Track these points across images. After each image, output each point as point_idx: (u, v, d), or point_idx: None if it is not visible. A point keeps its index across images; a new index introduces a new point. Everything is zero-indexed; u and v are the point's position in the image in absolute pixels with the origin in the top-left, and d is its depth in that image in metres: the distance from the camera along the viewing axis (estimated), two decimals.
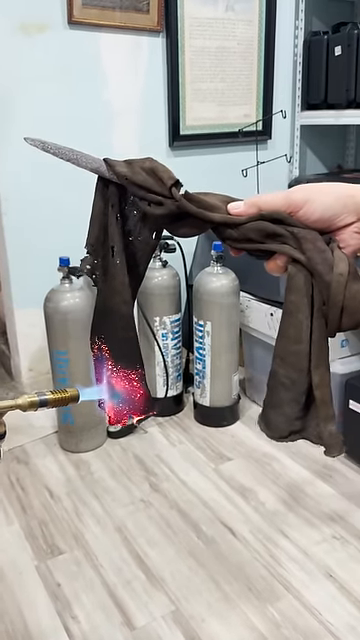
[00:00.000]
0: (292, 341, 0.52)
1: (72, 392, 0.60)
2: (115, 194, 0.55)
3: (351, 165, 2.74)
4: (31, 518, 1.62)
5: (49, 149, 0.54)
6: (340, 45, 2.28)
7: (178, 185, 0.53)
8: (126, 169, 0.54)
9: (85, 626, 1.29)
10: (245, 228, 0.51)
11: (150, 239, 0.57)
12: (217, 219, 0.52)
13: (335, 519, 1.59)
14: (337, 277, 0.48)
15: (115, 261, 0.56)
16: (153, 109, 2.23)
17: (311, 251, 0.49)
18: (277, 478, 1.76)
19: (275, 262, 0.52)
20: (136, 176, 0.53)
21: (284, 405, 0.55)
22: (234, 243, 0.53)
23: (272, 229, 0.50)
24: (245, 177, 2.27)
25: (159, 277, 1.97)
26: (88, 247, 0.58)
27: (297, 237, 0.50)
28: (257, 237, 0.51)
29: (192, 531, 1.56)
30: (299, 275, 0.50)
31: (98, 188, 0.56)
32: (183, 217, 0.53)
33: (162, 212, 0.52)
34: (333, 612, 1.30)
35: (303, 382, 0.53)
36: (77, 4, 1.97)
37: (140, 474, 1.80)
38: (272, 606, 1.32)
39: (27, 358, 2.23)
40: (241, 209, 0.52)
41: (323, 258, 0.49)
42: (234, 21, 2.30)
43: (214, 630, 1.27)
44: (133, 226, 0.56)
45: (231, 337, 1.97)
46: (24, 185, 2.02)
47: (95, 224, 0.57)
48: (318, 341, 0.51)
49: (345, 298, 0.49)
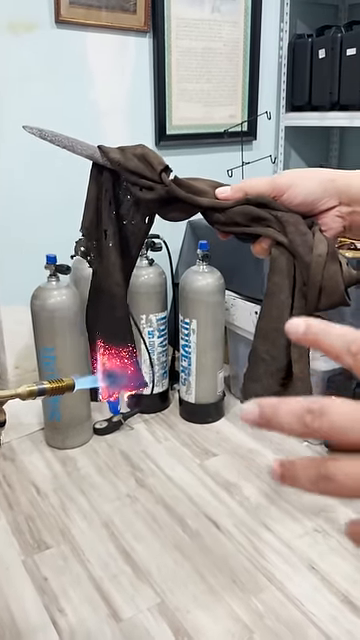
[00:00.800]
0: (274, 320, 0.55)
1: (68, 381, 0.62)
2: (109, 180, 0.57)
3: (334, 166, 2.79)
4: (18, 514, 1.64)
5: (46, 136, 0.56)
6: (324, 48, 2.31)
7: (168, 170, 0.55)
8: (119, 155, 0.56)
9: (72, 619, 1.31)
10: (232, 212, 0.53)
11: (142, 224, 0.59)
12: (205, 203, 0.54)
13: (317, 513, 1.62)
14: (316, 258, 0.51)
15: (108, 243, 0.58)
16: (140, 109, 2.25)
17: (293, 234, 0.52)
18: (261, 473, 1.80)
19: (260, 245, 0.54)
20: (128, 162, 0.55)
21: (262, 378, 0.57)
22: (222, 227, 0.55)
23: (257, 213, 0.53)
24: (230, 177, 2.30)
25: (145, 275, 1.99)
26: (83, 230, 0.60)
27: (280, 220, 0.52)
28: (243, 221, 0.53)
29: (177, 525, 1.58)
30: (282, 257, 0.53)
31: (92, 174, 0.58)
32: (173, 201, 0.55)
33: (152, 196, 0.55)
34: (315, 603, 1.34)
35: (282, 358, 0.56)
36: (64, 3, 1.98)
37: (126, 470, 1.82)
38: (256, 597, 1.35)
39: (13, 355, 2.24)
40: (228, 193, 0.54)
41: (304, 240, 0.51)
42: (220, 22, 2.32)
43: (199, 621, 1.29)
44: (126, 210, 0.58)
45: (216, 335, 1.99)
46: (11, 183, 2.03)
47: (89, 208, 0.59)
48: None
49: (323, 278, 0.51)
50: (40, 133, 0.56)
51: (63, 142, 0.57)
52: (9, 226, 2.09)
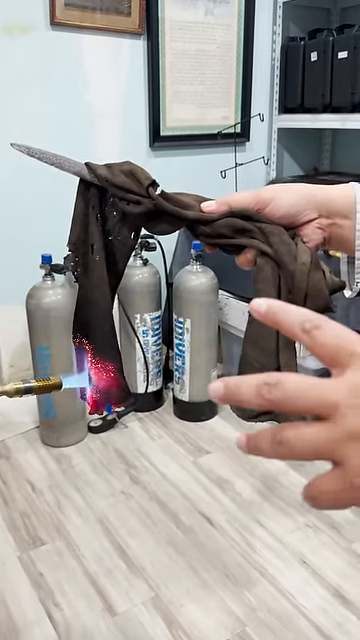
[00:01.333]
0: (261, 327, 0.57)
1: (55, 380, 0.63)
2: (96, 196, 0.59)
3: (327, 168, 2.82)
4: (13, 510, 1.65)
5: (34, 154, 0.58)
6: (316, 51, 2.34)
7: (155, 185, 0.57)
8: (106, 172, 0.58)
9: (68, 613, 1.33)
10: (217, 224, 0.56)
11: (129, 239, 0.61)
12: (191, 216, 0.56)
13: (308, 508, 1.65)
14: (300, 266, 0.53)
15: (95, 258, 0.60)
16: (134, 110, 2.28)
17: (277, 244, 0.54)
18: (253, 470, 1.82)
19: (245, 256, 0.56)
20: (116, 178, 0.57)
21: None
22: (207, 239, 0.57)
23: (242, 225, 0.55)
24: (224, 178, 2.32)
25: (140, 275, 2.01)
26: (70, 245, 0.62)
27: (264, 232, 0.55)
28: (228, 232, 0.56)
29: (171, 521, 1.61)
30: (267, 266, 0.55)
31: (80, 190, 0.60)
32: (159, 215, 0.57)
33: (140, 210, 0.57)
34: (306, 596, 1.36)
35: (272, 365, 0.58)
36: (59, 5, 2.00)
37: (120, 467, 1.85)
38: (248, 591, 1.38)
39: (8, 354, 2.25)
40: (213, 207, 0.57)
41: (288, 250, 0.54)
42: (213, 25, 2.35)
43: (193, 615, 1.32)
44: (112, 226, 0.60)
45: (210, 334, 2.02)
46: (7, 182, 2.04)
47: (77, 224, 0.61)
48: None
49: (308, 285, 0.53)
50: (28, 150, 0.58)
51: (51, 159, 0.58)
52: (4, 225, 2.10)
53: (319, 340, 0.32)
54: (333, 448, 0.31)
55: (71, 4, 2.03)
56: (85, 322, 0.64)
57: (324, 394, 0.31)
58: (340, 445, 0.30)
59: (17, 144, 0.58)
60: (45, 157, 0.58)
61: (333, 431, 0.30)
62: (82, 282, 0.63)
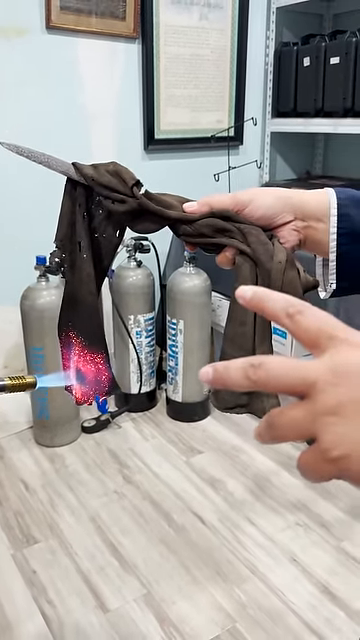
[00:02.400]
0: (238, 324, 0.60)
1: (30, 379, 0.64)
2: (82, 195, 0.61)
3: (319, 171, 2.85)
4: (7, 509, 1.67)
5: (22, 152, 0.60)
6: (309, 56, 2.37)
7: (139, 185, 0.59)
8: (92, 171, 0.60)
9: (61, 610, 1.34)
10: (198, 224, 0.58)
11: (114, 237, 0.63)
12: (174, 216, 0.59)
13: (299, 507, 1.68)
14: (276, 265, 0.56)
15: (82, 255, 0.62)
16: (129, 113, 2.30)
17: (255, 243, 0.57)
18: (245, 469, 1.84)
19: (224, 254, 0.59)
20: (102, 177, 0.59)
21: None
22: (189, 238, 0.60)
23: (222, 225, 0.58)
24: (217, 181, 2.35)
25: (134, 277, 2.03)
26: (57, 242, 0.64)
27: (243, 232, 0.57)
28: (209, 232, 0.58)
29: (163, 520, 1.62)
30: (245, 265, 0.58)
31: (66, 189, 0.62)
32: (143, 214, 0.59)
33: (124, 209, 0.59)
34: (296, 593, 1.38)
35: None
36: (55, 9, 2.02)
37: (114, 467, 1.86)
38: (239, 588, 1.40)
39: (2, 354, 2.27)
40: (195, 207, 0.59)
41: (265, 249, 0.56)
42: (208, 30, 2.38)
43: (184, 611, 1.34)
44: (98, 224, 0.62)
45: (203, 335, 2.04)
46: (3, 183, 2.06)
47: (63, 222, 0.63)
48: (261, 323, 0.60)
49: (283, 283, 0.56)
50: (17, 149, 0.60)
51: (39, 158, 0.60)
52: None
53: (302, 325, 0.34)
54: (312, 423, 0.33)
55: (67, 8, 2.05)
56: (72, 317, 0.66)
57: (304, 374, 0.33)
58: (317, 420, 0.33)
59: (6, 143, 0.60)
60: (33, 156, 0.60)
61: (311, 407, 0.33)
62: (69, 278, 0.65)
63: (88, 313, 0.65)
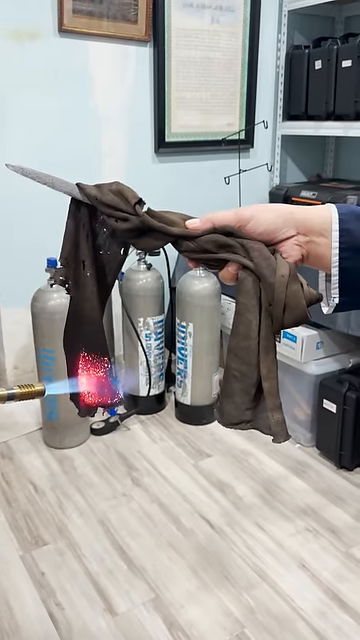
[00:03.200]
0: (242, 337, 0.59)
1: (38, 387, 0.65)
2: (86, 214, 0.62)
3: (330, 175, 2.84)
4: (16, 511, 1.67)
5: (27, 174, 0.61)
6: (320, 59, 2.37)
7: (141, 203, 0.60)
8: (96, 191, 0.61)
9: (69, 612, 1.34)
10: (201, 240, 0.59)
11: (118, 254, 0.64)
12: (176, 232, 0.59)
13: (308, 513, 1.67)
14: (279, 278, 0.56)
15: (86, 273, 0.64)
16: (140, 116, 2.30)
17: (257, 258, 0.57)
18: (254, 474, 1.84)
19: (227, 270, 0.59)
20: (105, 196, 0.60)
21: (235, 395, 0.62)
22: (191, 254, 0.60)
23: (224, 240, 0.58)
24: (227, 184, 2.35)
25: (144, 279, 2.03)
26: (62, 260, 0.65)
27: (245, 247, 0.58)
28: (212, 248, 0.59)
29: (172, 523, 1.62)
30: (248, 279, 0.58)
31: (71, 210, 0.63)
32: (146, 231, 0.60)
33: (127, 227, 0.59)
34: (305, 599, 1.38)
35: (252, 375, 0.60)
36: (67, 12, 2.03)
37: (122, 469, 1.86)
38: (247, 593, 1.39)
39: (12, 356, 2.28)
40: (197, 224, 0.60)
41: (268, 264, 0.57)
42: (219, 33, 2.38)
43: (192, 616, 1.33)
44: (103, 242, 0.63)
45: (212, 338, 2.04)
46: (12, 185, 2.06)
47: (68, 241, 0.64)
48: (266, 337, 0.59)
49: (287, 296, 0.56)
50: (22, 171, 0.61)
51: (44, 179, 0.61)
52: (9, 228, 2.13)
53: None
54: None
55: (79, 11, 2.06)
56: (76, 332, 0.67)
57: None
58: None
59: (12, 165, 0.61)
60: (38, 177, 0.61)
61: None
62: (73, 295, 0.66)
63: (92, 329, 0.66)
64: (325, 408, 1.83)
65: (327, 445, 1.88)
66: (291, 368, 1.91)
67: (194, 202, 2.43)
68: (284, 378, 1.95)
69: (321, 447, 1.92)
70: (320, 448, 1.92)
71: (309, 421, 1.92)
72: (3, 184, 2.06)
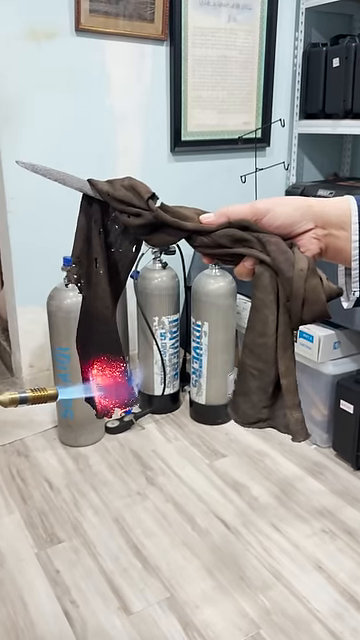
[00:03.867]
0: (258, 334, 0.57)
1: (51, 391, 0.64)
2: (98, 211, 0.61)
3: (347, 174, 2.81)
4: (31, 508, 1.68)
5: (38, 171, 0.60)
6: (338, 57, 2.35)
7: (154, 198, 0.58)
8: (108, 187, 0.60)
9: (84, 610, 1.34)
10: (216, 235, 0.57)
11: (130, 251, 0.63)
12: (190, 227, 0.57)
13: (325, 514, 1.65)
14: (298, 272, 0.54)
15: (98, 271, 0.62)
16: (156, 115, 2.30)
17: (275, 252, 0.55)
18: (269, 474, 1.83)
19: (243, 265, 0.57)
20: (117, 192, 0.59)
21: (251, 393, 0.60)
22: (206, 249, 0.58)
23: (240, 235, 0.56)
24: (244, 183, 2.33)
25: (159, 278, 2.03)
26: (73, 259, 0.64)
27: (262, 241, 0.56)
28: (227, 242, 0.57)
29: (187, 523, 1.62)
30: (265, 274, 0.56)
31: (82, 206, 0.62)
32: (159, 227, 0.58)
33: (140, 222, 0.58)
34: (321, 600, 1.36)
35: (269, 372, 0.58)
36: (84, 12, 2.04)
37: (137, 468, 1.86)
38: (263, 594, 1.38)
39: (28, 354, 2.29)
40: (212, 218, 0.58)
41: (285, 258, 0.55)
42: (236, 31, 2.36)
43: (207, 616, 1.32)
44: (114, 239, 0.62)
45: (227, 338, 2.03)
46: (30, 184, 2.07)
47: (79, 238, 0.63)
48: (283, 334, 0.57)
49: (305, 291, 0.54)
50: (33, 168, 0.60)
51: (55, 176, 0.60)
52: (26, 227, 2.14)
53: None
54: None
55: (96, 11, 2.06)
56: (89, 331, 0.66)
57: None
58: None
59: (22, 162, 0.60)
60: (49, 174, 0.60)
61: None
62: (86, 294, 0.65)
63: (105, 327, 0.65)
64: (342, 409, 1.81)
65: (344, 446, 1.86)
66: (308, 368, 1.90)
67: (210, 201, 2.42)
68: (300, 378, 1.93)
69: (338, 448, 1.90)
70: (337, 449, 1.90)
71: (326, 422, 1.91)
72: (22, 183, 2.07)
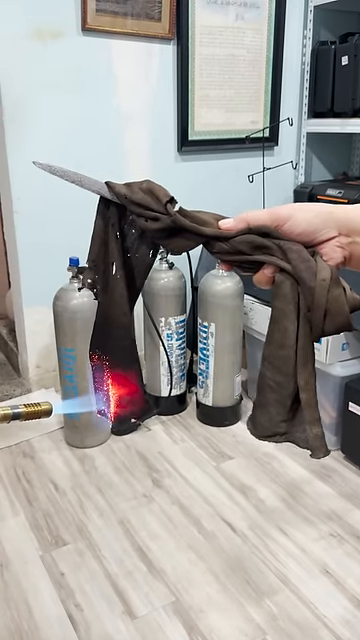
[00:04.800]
0: (278, 346, 0.56)
1: (45, 406, 0.63)
2: (115, 214, 0.60)
3: (356, 173, 2.79)
4: (36, 510, 1.67)
5: (55, 172, 0.59)
6: (347, 55, 2.32)
7: (173, 202, 0.57)
8: (126, 190, 0.58)
9: (88, 614, 1.33)
10: (235, 241, 0.55)
11: (147, 256, 0.62)
12: (209, 233, 0.56)
13: (332, 518, 1.63)
14: (320, 282, 0.52)
15: (116, 276, 0.61)
16: (163, 114, 2.28)
17: (296, 260, 0.53)
18: (277, 477, 1.80)
19: (263, 272, 0.56)
20: (135, 195, 0.57)
21: (269, 406, 0.58)
22: (225, 256, 0.57)
23: (260, 241, 0.54)
24: (251, 182, 2.32)
25: (165, 279, 2.01)
26: (89, 263, 0.63)
27: (283, 248, 0.54)
28: (246, 249, 0.55)
29: (193, 526, 1.60)
30: (286, 283, 0.54)
31: (99, 209, 0.61)
32: (177, 232, 0.57)
33: (158, 226, 0.57)
34: (328, 606, 1.34)
35: (288, 385, 0.57)
36: (91, 11, 2.03)
37: (143, 470, 1.85)
38: (269, 599, 1.36)
39: (35, 355, 2.28)
40: (231, 224, 0.56)
41: (307, 266, 0.53)
42: (244, 30, 2.35)
43: (212, 621, 1.31)
44: (131, 243, 0.61)
45: (234, 339, 2.01)
46: (36, 185, 2.07)
47: (96, 241, 0.62)
48: (303, 347, 0.55)
49: (328, 301, 0.52)
50: (50, 169, 0.59)
51: (72, 177, 0.59)
52: (33, 228, 2.13)
53: None
54: None
55: (102, 10, 2.05)
56: (105, 338, 0.65)
57: None
58: None
59: (39, 162, 0.60)
60: (66, 175, 0.59)
61: None
62: (102, 299, 0.63)
63: (121, 334, 0.64)
64: (351, 411, 1.78)
65: (352, 449, 1.84)
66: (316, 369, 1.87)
67: (218, 200, 2.41)
68: None
69: (346, 451, 1.87)
70: (345, 452, 1.88)
71: (334, 424, 1.88)
72: (28, 184, 2.06)
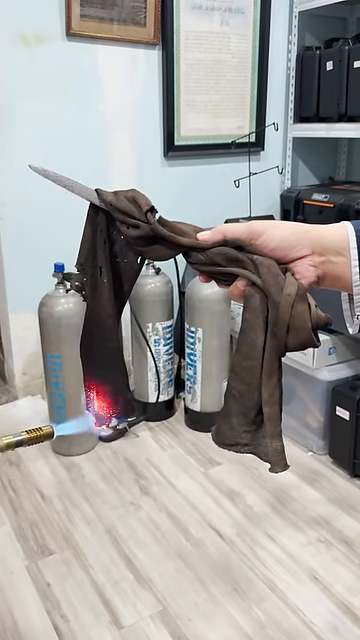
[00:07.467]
0: (244, 357, 0.57)
1: (47, 429, 0.64)
2: (104, 220, 0.62)
3: (342, 177, 2.80)
4: (22, 519, 1.65)
5: (49, 176, 0.61)
6: (332, 60, 2.33)
7: (153, 211, 0.59)
8: (112, 197, 0.60)
9: (74, 625, 1.31)
10: (211, 252, 0.57)
11: (135, 262, 0.63)
12: (185, 243, 0.58)
13: (321, 523, 1.62)
14: (285, 297, 0.53)
15: (102, 280, 0.63)
16: (149, 120, 2.28)
17: (266, 275, 0.55)
18: (265, 483, 1.80)
19: (236, 285, 0.57)
20: (119, 203, 0.59)
21: (232, 415, 0.59)
22: (201, 267, 0.58)
23: (234, 254, 0.56)
24: (238, 187, 2.32)
25: (152, 284, 2.01)
26: (78, 266, 0.64)
27: (255, 263, 0.56)
28: (221, 261, 0.57)
29: (180, 533, 1.59)
30: (255, 296, 0.56)
31: (89, 215, 0.62)
32: (157, 241, 0.59)
33: (137, 234, 0.59)
34: (317, 613, 1.33)
35: (252, 397, 0.57)
36: (75, 16, 2.02)
37: (130, 477, 1.83)
38: (257, 606, 1.35)
39: (21, 362, 2.26)
40: (208, 235, 0.58)
41: (276, 281, 0.54)
42: (229, 35, 2.35)
43: (200, 629, 1.30)
44: (119, 249, 0.63)
45: (222, 344, 2.00)
46: (21, 191, 2.06)
47: (85, 246, 0.63)
48: (270, 359, 0.56)
49: (292, 317, 0.53)
50: (44, 173, 0.61)
51: (64, 182, 0.61)
52: (18, 233, 2.12)
53: None
54: None
55: (87, 15, 2.04)
56: (91, 340, 0.67)
57: None
58: None
59: (34, 166, 0.61)
60: (59, 180, 0.61)
61: None
62: (89, 302, 0.65)
63: (107, 336, 0.66)
64: (338, 415, 1.78)
65: (340, 453, 1.84)
66: (303, 374, 1.87)
67: (204, 206, 2.41)
68: (295, 384, 1.91)
69: (334, 455, 1.87)
70: (333, 456, 1.88)
71: (321, 428, 1.88)
72: (13, 189, 2.05)
